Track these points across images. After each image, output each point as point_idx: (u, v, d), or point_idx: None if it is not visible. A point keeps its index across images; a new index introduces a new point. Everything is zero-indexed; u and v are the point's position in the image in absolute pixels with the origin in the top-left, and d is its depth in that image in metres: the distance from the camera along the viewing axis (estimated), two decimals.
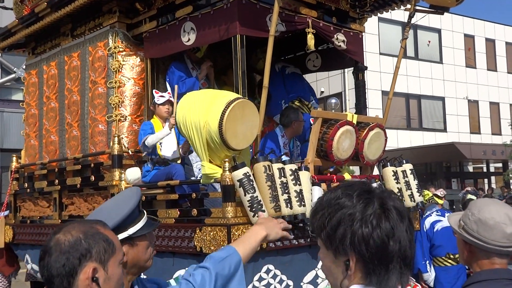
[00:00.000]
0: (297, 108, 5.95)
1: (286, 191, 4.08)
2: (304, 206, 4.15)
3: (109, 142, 5.27)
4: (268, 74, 4.37)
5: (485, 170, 25.90)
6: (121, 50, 5.41)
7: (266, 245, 3.84)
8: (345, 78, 21.89)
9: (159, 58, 5.57)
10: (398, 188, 4.98)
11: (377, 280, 1.29)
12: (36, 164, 6.43)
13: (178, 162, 4.98)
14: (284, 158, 4.50)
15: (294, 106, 6.11)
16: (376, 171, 5.39)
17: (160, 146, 4.96)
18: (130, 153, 5.26)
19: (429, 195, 7.11)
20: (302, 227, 4.26)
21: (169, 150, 4.99)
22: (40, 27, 6.06)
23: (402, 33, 5.67)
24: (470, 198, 8.20)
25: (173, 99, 4.97)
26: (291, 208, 4.07)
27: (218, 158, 4.07)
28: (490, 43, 27.32)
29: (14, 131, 17.02)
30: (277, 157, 4.31)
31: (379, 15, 6.57)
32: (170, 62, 5.58)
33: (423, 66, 24.53)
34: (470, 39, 26.58)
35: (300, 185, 4.19)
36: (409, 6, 5.55)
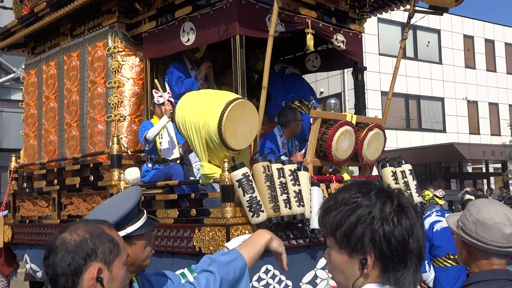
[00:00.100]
0: (294, 107, 5.94)
1: (285, 191, 4.08)
2: (303, 206, 4.15)
3: (108, 142, 5.27)
4: (267, 74, 4.37)
5: (484, 170, 25.89)
6: (120, 50, 5.42)
7: None
8: (344, 79, 21.89)
9: (159, 58, 5.57)
10: None
11: (394, 277, 1.29)
12: (35, 164, 6.43)
13: (178, 162, 4.98)
14: (283, 158, 4.50)
15: (294, 106, 6.10)
16: (375, 172, 5.39)
17: (160, 145, 4.96)
18: (129, 153, 5.26)
19: (429, 196, 7.11)
20: (301, 227, 4.26)
21: (169, 149, 5.00)
22: (39, 27, 6.06)
23: (402, 33, 5.67)
24: (469, 198, 8.18)
25: (165, 99, 5.02)
26: (290, 208, 4.07)
27: (217, 158, 4.08)
28: (490, 44, 27.33)
29: (13, 131, 16.98)
30: (276, 157, 4.31)
31: (379, 16, 6.57)
32: (170, 62, 5.58)
33: (423, 67, 24.53)
34: (469, 40, 26.59)
35: (299, 185, 4.19)
36: (408, 7, 5.55)
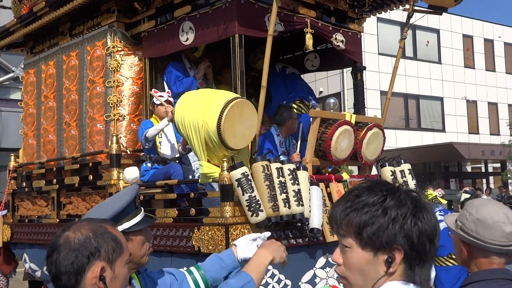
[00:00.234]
0: (290, 106, 5.93)
1: (285, 191, 4.08)
2: (302, 205, 4.15)
3: (107, 142, 5.27)
4: (266, 74, 4.36)
5: (483, 170, 25.91)
6: (119, 49, 5.41)
7: None
8: (343, 78, 21.87)
9: (158, 58, 5.56)
10: None
11: (418, 273, 1.34)
12: (34, 163, 6.42)
13: (177, 161, 4.98)
14: (282, 158, 4.50)
15: (294, 106, 6.10)
16: (374, 171, 5.39)
17: (159, 145, 4.96)
18: (128, 152, 5.26)
19: (432, 195, 7.12)
20: (300, 227, 4.26)
21: (168, 149, 4.99)
22: (38, 26, 6.05)
23: (401, 33, 5.67)
24: (465, 198, 8.20)
25: (167, 99, 5.03)
26: (289, 207, 4.07)
27: (216, 157, 4.07)
28: (489, 44, 27.34)
29: (12, 130, 16.97)
30: (275, 156, 4.31)
31: (378, 15, 6.57)
32: (169, 62, 5.58)
33: (422, 66, 24.53)
34: (468, 40, 26.59)
35: (298, 184, 4.19)
36: (407, 6, 5.55)
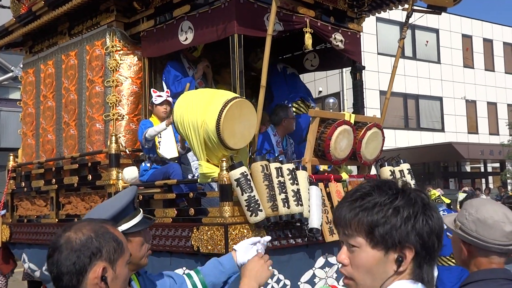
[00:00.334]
0: (286, 106, 5.93)
1: (284, 191, 4.07)
2: (301, 205, 4.14)
3: (106, 141, 5.26)
4: (265, 73, 4.36)
5: (482, 170, 25.93)
6: (118, 49, 5.40)
7: None
8: (343, 78, 21.87)
9: (157, 57, 5.55)
10: None
11: (426, 271, 1.36)
12: (33, 163, 6.41)
13: (176, 161, 4.97)
14: (281, 157, 4.49)
15: (295, 106, 6.10)
16: (373, 171, 5.39)
17: (159, 145, 4.95)
18: (128, 152, 5.25)
19: (436, 195, 7.14)
20: (300, 227, 4.26)
21: (167, 149, 4.99)
22: (37, 26, 6.04)
23: (400, 33, 5.67)
24: (463, 198, 8.23)
25: (170, 99, 5.01)
26: (289, 207, 4.06)
27: (215, 157, 4.07)
28: (488, 43, 27.36)
29: (11, 130, 16.95)
30: (274, 156, 4.31)
31: (377, 15, 6.57)
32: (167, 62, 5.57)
33: (421, 66, 24.54)
34: (468, 39, 26.60)
35: (297, 184, 4.19)
36: (407, 6, 5.55)
